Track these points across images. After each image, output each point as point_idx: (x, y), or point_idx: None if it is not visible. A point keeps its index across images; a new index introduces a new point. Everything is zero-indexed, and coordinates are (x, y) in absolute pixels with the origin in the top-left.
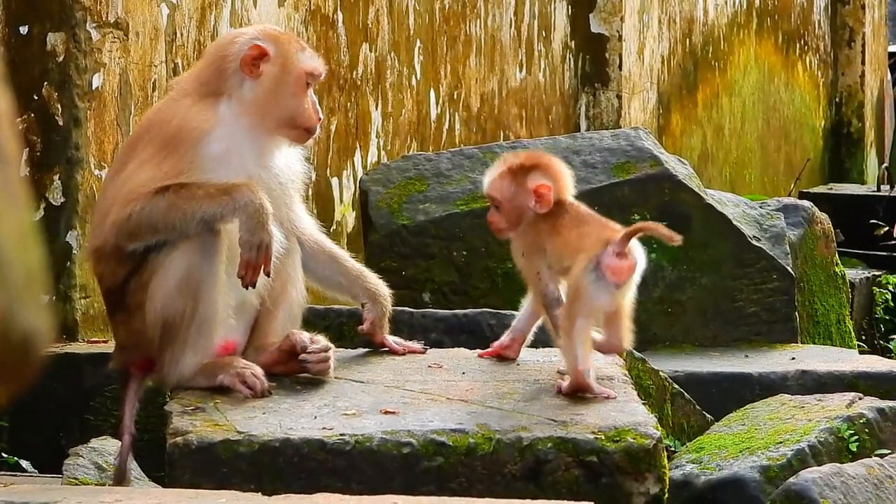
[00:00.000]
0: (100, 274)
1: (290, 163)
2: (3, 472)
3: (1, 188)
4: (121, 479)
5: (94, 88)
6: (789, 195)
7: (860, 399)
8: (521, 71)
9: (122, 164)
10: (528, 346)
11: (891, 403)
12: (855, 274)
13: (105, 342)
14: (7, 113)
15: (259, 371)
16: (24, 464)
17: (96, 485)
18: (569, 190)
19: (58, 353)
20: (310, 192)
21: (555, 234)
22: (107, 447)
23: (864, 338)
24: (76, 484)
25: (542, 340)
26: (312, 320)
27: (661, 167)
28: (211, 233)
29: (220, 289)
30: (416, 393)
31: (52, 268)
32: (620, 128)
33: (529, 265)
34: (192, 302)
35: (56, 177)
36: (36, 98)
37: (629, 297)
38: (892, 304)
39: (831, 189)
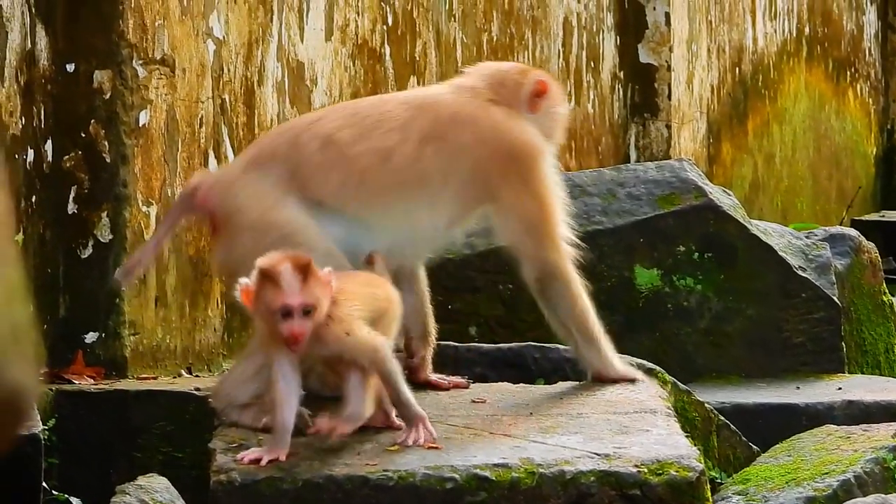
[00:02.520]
0: None
1: None
2: None
3: None
4: None
5: (140, 125)
6: (841, 223)
7: None
8: (569, 102)
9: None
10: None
11: None
12: None
13: (154, 378)
14: None
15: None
16: (75, 501)
17: None
18: None
19: (107, 390)
20: None
21: None
22: (153, 485)
23: None
24: None
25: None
26: None
27: (705, 198)
28: None
29: None
30: (459, 427)
31: (101, 305)
32: (670, 158)
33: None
34: None
35: (104, 214)
36: (83, 135)
37: None
38: None
39: (883, 216)
